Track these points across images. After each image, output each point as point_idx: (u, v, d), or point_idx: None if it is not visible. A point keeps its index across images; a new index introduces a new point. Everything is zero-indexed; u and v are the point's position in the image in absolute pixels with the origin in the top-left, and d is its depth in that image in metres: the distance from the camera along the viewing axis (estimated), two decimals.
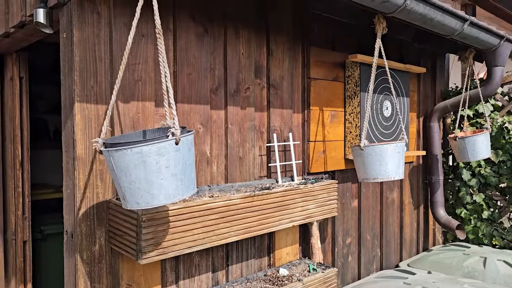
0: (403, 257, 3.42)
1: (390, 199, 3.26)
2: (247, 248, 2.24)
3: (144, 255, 1.54)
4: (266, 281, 2.16)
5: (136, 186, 1.28)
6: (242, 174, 2.22)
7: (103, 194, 1.71)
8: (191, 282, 1.99)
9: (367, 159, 2.17)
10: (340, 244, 2.82)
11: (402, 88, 3.11)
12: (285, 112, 2.45)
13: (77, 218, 1.66)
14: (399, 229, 3.39)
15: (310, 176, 2.54)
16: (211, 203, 1.76)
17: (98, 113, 1.70)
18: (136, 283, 1.78)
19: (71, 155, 1.68)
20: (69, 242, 1.72)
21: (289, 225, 2.11)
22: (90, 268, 1.68)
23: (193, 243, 1.70)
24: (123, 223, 1.62)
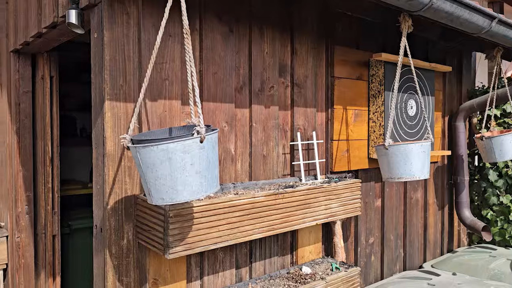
0: (427, 258, 3.37)
1: (414, 199, 3.22)
2: (270, 245, 2.26)
3: (171, 250, 1.57)
4: (289, 278, 2.18)
5: (161, 182, 1.31)
6: (266, 172, 2.24)
7: (131, 190, 1.76)
8: (215, 278, 2.02)
9: (391, 159, 2.15)
10: (363, 244, 2.81)
11: (427, 87, 3.07)
12: (309, 111, 2.45)
13: (106, 213, 1.70)
14: (423, 229, 3.35)
15: (333, 175, 2.54)
16: (236, 200, 1.78)
17: (127, 111, 1.74)
18: (163, 277, 1.82)
19: (100, 152, 1.73)
20: (98, 237, 1.77)
21: (313, 223, 2.12)
22: (119, 262, 1.73)
23: (218, 239, 1.72)
24: (150, 218, 1.66)
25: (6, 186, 2.95)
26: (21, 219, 2.83)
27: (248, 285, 2.08)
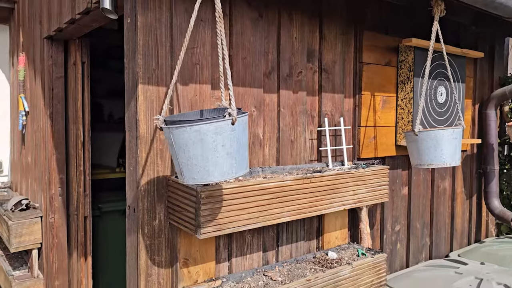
0: (454, 248, 3.34)
1: (441, 188, 3.18)
2: (296, 230, 2.28)
3: (202, 230, 1.61)
4: (315, 263, 2.20)
5: (193, 162, 1.35)
6: (293, 157, 2.25)
7: (162, 171, 1.80)
8: (242, 260, 2.06)
9: (421, 145, 2.13)
10: (389, 231, 2.80)
11: (458, 74, 3.01)
12: (337, 97, 2.44)
13: (139, 194, 1.75)
14: (450, 219, 3.31)
15: (360, 161, 2.53)
16: (265, 183, 1.80)
17: (159, 95, 1.78)
18: (193, 258, 1.87)
19: (134, 135, 1.78)
20: (131, 217, 1.82)
21: (340, 208, 2.13)
22: (151, 241, 1.78)
23: (248, 221, 1.75)
24: (182, 199, 1.70)
25: (40, 169, 3.05)
26: (55, 200, 2.93)
27: (275, 268, 2.11)
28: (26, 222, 2.92)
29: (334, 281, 2.07)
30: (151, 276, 1.78)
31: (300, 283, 1.93)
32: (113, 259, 3.58)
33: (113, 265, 3.58)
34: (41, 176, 3.03)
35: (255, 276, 2.02)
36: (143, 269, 1.76)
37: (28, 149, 3.46)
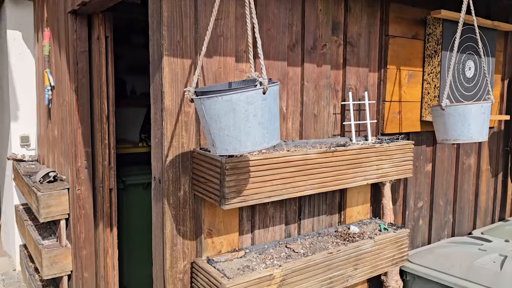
0: (477, 226, 3.30)
1: (466, 165, 3.13)
2: (318, 204, 2.29)
3: (227, 201, 1.63)
4: (337, 236, 2.21)
5: (225, 133, 1.35)
6: (316, 131, 2.24)
7: (187, 144, 1.82)
8: (265, 232, 2.09)
9: (448, 120, 2.09)
10: (411, 207, 2.78)
11: (488, 47, 2.91)
12: (361, 71, 2.40)
13: (164, 165, 1.78)
14: (474, 196, 3.26)
15: (384, 136, 2.50)
16: (289, 156, 1.80)
17: (183, 67, 1.78)
18: (216, 229, 1.90)
19: (159, 107, 1.79)
20: (157, 187, 1.86)
21: (363, 182, 2.12)
22: (176, 212, 1.81)
23: (271, 193, 1.77)
24: (207, 171, 1.71)
25: (67, 142, 3.12)
26: (81, 173, 3.00)
27: (297, 240, 2.13)
28: (54, 194, 3.01)
29: (356, 255, 2.08)
30: (176, 246, 1.82)
31: (322, 256, 1.95)
32: (137, 230, 3.68)
33: (137, 236, 3.68)
34: (68, 149, 3.10)
35: (277, 248, 2.05)
36: (168, 238, 1.80)
37: (54, 123, 3.53)
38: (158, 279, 1.88)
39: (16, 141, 4.26)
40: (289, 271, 1.82)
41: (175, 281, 1.83)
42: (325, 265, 1.96)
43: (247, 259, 1.90)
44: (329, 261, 1.97)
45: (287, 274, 1.82)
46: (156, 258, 1.90)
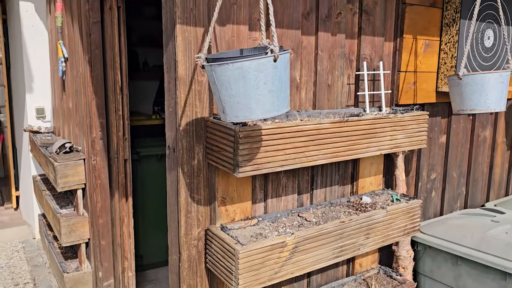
0: (490, 198, 3.29)
1: (481, 137, 3.09)
2: (331, 174, 2.29)
3: (240, 169, 1.65)
4: (349, 206, 2.22)
5: (236, 100, 1.35)
6: (330, 102, 2.22)
7: (201, 113, 1.83)
8: (278, 201, 2.11)
9: (465, 89, 2.05)
10: (424, 179, 2.78)
11: (508, 15, 2.82)
12: (377, 40, 2.36)
13: (178, 134, 1.79)
14: (489, 169, 3.23)
15: (398, 107, 2.48)
16: (302, 125, 1.80)
17: (196, 35, 1.77)
18: (230, 197, 1.93)
19: (172, 76, 1.79)
20: (171, 156, 1.88)
21: (376, 153, 2.11)
22: (190, 180, 1.84)
23: (284, 162, 1.78)
24: (220, 140, 1.73)
25: (81, 114, 3.16)
26: (96, 143, 3.04)
27: (310, 210, 2.16)
28: (70, 164, 3.07)
29: (368, 224, 2.10)
30: (190, 213, 1.86)
31: (334, 225, 1.97)
32: (152, 200, 3.75)
33: (152, 206, 3.76)
34: (82, 121, 3.14)
35: (289, 216, 2.07)
36: (183, 206, 1.84)
37: (68, 95, 3.57)
38: (173, 245, 1.93)
39: (32, 113, 4.32)
40: (301, 239, 1.85)
41: (190, 247, 1.87)
42: (337, 234, 1.98)
43: (260, 227, 1.93)
44: (341, 229, 1.99)
45: (299, 242, 1.85)
46: (171, 226, 1.94)
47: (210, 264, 1.89)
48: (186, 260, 1.87)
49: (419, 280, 2.62)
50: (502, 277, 2.17)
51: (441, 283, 2.47)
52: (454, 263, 2.40)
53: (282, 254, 1.80)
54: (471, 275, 2.31)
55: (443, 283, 2.46)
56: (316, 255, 1.93)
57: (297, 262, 1.87)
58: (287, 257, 1.82)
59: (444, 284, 2.46)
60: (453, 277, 2.40)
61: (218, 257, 1.80)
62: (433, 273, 2.52)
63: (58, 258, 3.46)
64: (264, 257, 1.74)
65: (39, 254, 4.22)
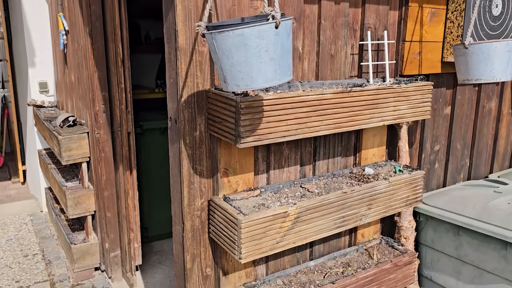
0: (494, 170, 3.28)
1: (487, 109, 3.06)
2: (334, 146, 2.29)
3: (242, 140, 1.65)
4: (352, 177, 2.23)
5: (237, 69, 1.34)
6: (333, 72, 2.20)
7: (202, 84, 1.81)
8: (280, 172, 2.12)
9: (471, 58, 2.02)
10: (428, 150, 2.77)
11: None
12: (381, 9, 2.30)
13: (180, 105, 1.79)
14: (493, 140, 3.21)
15: (403, 78, 2.45)
16: (304, 96, 1.79)
17: (197, 4, 1.73)
18: (232, 168, 1.94)
19: (173, 46, 1.77)
20: (173, 128, 1.88)
21: (379, 124, 2.10)
22: (192, 151, 1.84)
23: (286, 132, 1.77)
24: (222, 110, 1.72)
25: (84, 87, 3.15)
26: (99, 117, 3.05)
27: (312, 181, 2.17)
28: (74, 137, 3.09)
29: (370, 195, 2.11)
30: (193, 184, 1.87)
31: (336, 195, 1.98)
32: (156, 173, 3.78)
33: (156, 179, 3.79)
34: (85, 94, 3.14)
35: (292, 187, 2.08)
36: (185, 177, 1.85)
37: (71, 68, 3.55)
38: (176, 216, 1.95)
39: (35, 87, 4.32)
40: (303, 209, 1.86)
41: (193, 217, 1.90)
42: (339, 204, 1.99)
43: (262, 198, 1.94)
44: (343, 200, 2.00)
45: (301, 212, 1.86)
46: (174, 196, 1.96)
47: (213, 234, 1.91)
48: (190, 230, 1.90)
49: (420, 250, 2.65)
50: (502, 246, 2.18)
51: (442, 253, 2.50)
52: (455, 233, 2.42)
53: (284, 224, 1.82)
54: (472, 245, 2.33)
55: (445, 253, 2.49)
56: (318, 225, 1.94)
57: (299, 232, 1.89)
58: (289, 227, 1.84)
59: (445, 254, 2.49)
60: (454, 247, 2.43)
61: (221, 227, 1.83)
62: (435, 243, 2.55)
63: (66, 230, 3.53)
64: (266, 227, 1.76)
65: (47, 226, 4.30)
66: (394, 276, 2.31)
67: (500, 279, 2.22)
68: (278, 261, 2.20)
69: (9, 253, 3.76)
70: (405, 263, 2.34)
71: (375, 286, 2.24)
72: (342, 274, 2.19)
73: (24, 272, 3.47)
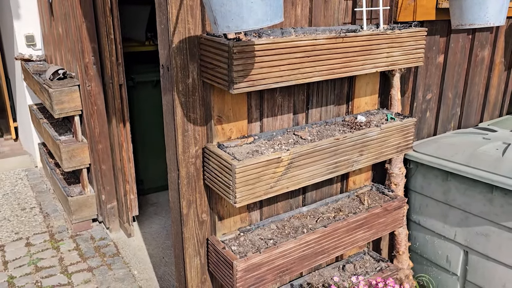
0: (484, 119, 3.32)
1: (479, 57, 3.06)
2: (327, 94, 2.30)
3: (235, 86, 1.65)
4: (344, 125, 2.26)
5: (227, 9, 1.32)
6: (326, 19, 2.17)
7: (194, 30, 1.79)
8: (273, 120, 2.13)
9: (465, 2, 1.99)
10: (420, 99, 2.79)
11: None
12: None
13: (171, 52, 1.77)
14: (484, 90, 3.24)
15: (397, 24, 2.42)
16: (297, 41, 1.77)
17: None
18: (226, 115, 1.95)
19: None
20: (165, 75, 1.87)
21: (372, 70, 2.10)
22: (186, 99, 1.84)
23: (279, 78, 1.77)
24: (214, 56, 1.71)
25: (72, 39, 3.08)
26: (89, 69, 3.01)
27: (305, 128, 2.19)
28: (65, 90, 3.06)
29: (362, 141, 2.14)
30: (187, 132, 1.88)
31: (329, 142, 2.01)
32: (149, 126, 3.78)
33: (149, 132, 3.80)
34: (74, 46, 3.07)
35: (285, 135, 2.11)
36: (179, 125, 1.86)
37: (57, 20, 3.46)
38: (171, 163, 1.98)
39: (22, 41, 4.22)
40: (296, 155, 1.90)
41: (188, 165, 1.93)
42: (332, 151, 2.03)
43: (256, 145, 1.97)
44: (335, 147, 2.04)
45: (294, 158, 1.90)
46: (168, 144, 1.98)
47: (208, 181, 1.95)
48: (185, 177, 1.93)
49: (410, 196, 2.74)
50: (488, 190, 2.26)
51: (431, 198, 2.58)
52: (444, 179, 2.49)
53: (278, 169, 1.86)
54: (459, 189, 2.41)
55: (433, 198, 2.57)
56: (311, 171, 1.99)
57: (292, 177, 1.93)
58: (283, 172, 1.88)
59: (433, 199, 2.57)
60: (443, 192, 2.51)
61: (216, 173, 1.86)
62: (424, 189, 2.62)
63: (61, 184, 3.57)
64: (260, 172, 1.80)
65: (42, 181, 4.34)
66: (384, 220, 2.40)
67: (485, 221, 2.31)
68: (272, 207, 2.26)
69: (6, 206, 3.82)
70: (395, 207, 2.42)
71: (366, 229, 2.32)
72: (333, 219, 2.26)
73: (22, 224, 3.54)
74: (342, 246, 2.26)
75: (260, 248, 2.00)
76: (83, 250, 3.20)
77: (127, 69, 3.56)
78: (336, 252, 2.25)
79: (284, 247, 2.01)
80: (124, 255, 3.17)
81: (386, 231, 2.45)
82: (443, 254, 2.59)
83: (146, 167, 3.89)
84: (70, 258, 3.12)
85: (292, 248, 2.03)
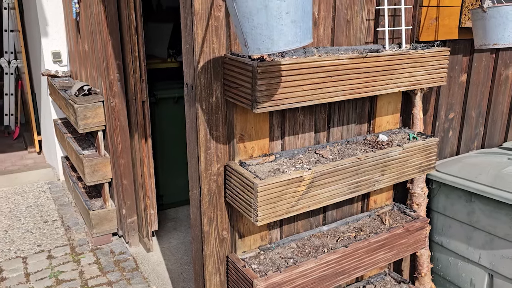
0: (508, 139, 3.26)
1: (503, 76, 3.02)
2: (348, 113, 2.30)
3: (258, 105, 1.67)
4: (366, 144, 2.25)
5: (258, 31, 1.34)
6: (348, 38, 2.18)
7: (218, 50, 1.82)
8: (295, 139, 2.14)
9: (489, 22, 1.98)
10: (442, 118, 2.76)
11: None
12: None
13: (196, 71, 1.80)
14: (508, 109, 3.18)
15: (419, 44, 2.42)
16: (320, 61, 1.79)
17: None
18: (248, 134, 1.97)
19: (189, 11, 1.77)
20: (189, 94, 1.90)
21: (395, 90, 2.10)
22: (209, 117, 1.87)
23: (301, 98, 1.78)
24: (238, 75, 1.73)
25: (98, 56, 3.17)
26: (114, 85, 3.08)
27: (326, 147, 2.19)
28: (90, 106, 3.13)
29: (384, 161, 2.13)
30: (210, 149, 1.91)
31: (350, 161, 2.00)
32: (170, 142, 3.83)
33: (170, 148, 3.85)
34: (99, 63, 3.16)
35: (306, 153, 2.11)
36: (202, 142, 1.88)
37: (84, 38, 3.56)
38: (193, 181, 2.00)
39: (48, 57, 4.35)
40: (318, 174, 1.89)
41: (210, 182, 1.94)
42: (353, 170, 2.02)
43: (277, 163, 1.98)
44: (357, 166, 2.03)
45: (316, 177, 1.89)
46: (191, 162, 2.00)
47: (229, 198, 1.96)
48: (207, 194, 1.95)
49: (432, 216, 2.69)
50: None
51: (454, 219, 2.53)
52: (468, 200, 2.44)
53: (299, 188, 1.86)
54: (484, 211, 2.36)
55: (456, 219, 2.52)
56: (332, 190, 1.98)
57: (313, 196, 1.93)
58: (304, 191, 1.88)
59: (457, 220, 2.52)
60: (466, 213, 2.46)
61: (237, 191, 1.87)
62: (446, 210, 2.58)
63: (83, 197, 3.63)
64: (281, 191, 1.80)
65: (65, 194, 4.41)
66: (406, 241, 2.36)
67: (511, 244, 2.25)
68: (292, 225, 2.25)
69: (29, 219, 3.89)
70: (417, 228, 2.38)
71: (387, 250, 2.29)
72: (354, 239, 2.24)
73: (44, 237, 3.60)
74: (363, 267, 2.23)
75: (280, 267, 1.99)
76: (103, 264, 3.23)
77: (149, 85, 3.63)
78: (357, 272, 2.22)
79: (304, 266, 1.99)
80: (143, 270, 3.19)
81: (408, 252, 2.41)
82: (466, 277, 2.53)
83: (166, 182, 3.93)
84: (90, 271, 3.16)
85: (312, 268, 2.01)
